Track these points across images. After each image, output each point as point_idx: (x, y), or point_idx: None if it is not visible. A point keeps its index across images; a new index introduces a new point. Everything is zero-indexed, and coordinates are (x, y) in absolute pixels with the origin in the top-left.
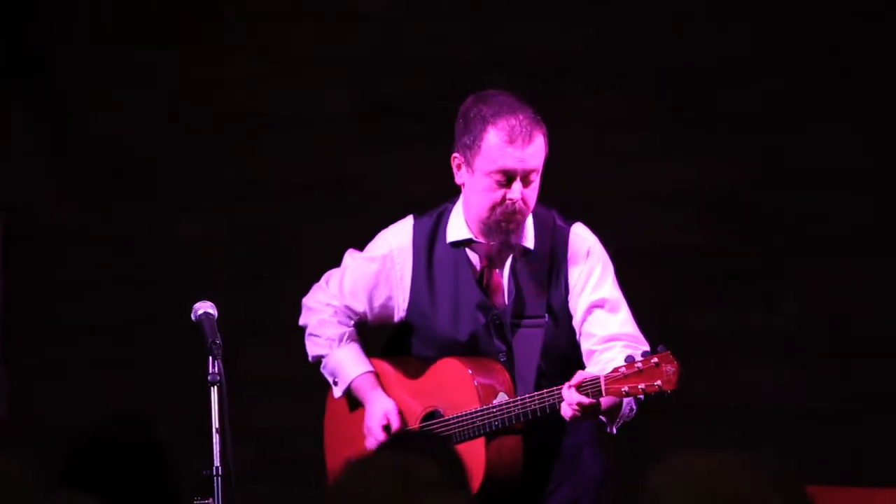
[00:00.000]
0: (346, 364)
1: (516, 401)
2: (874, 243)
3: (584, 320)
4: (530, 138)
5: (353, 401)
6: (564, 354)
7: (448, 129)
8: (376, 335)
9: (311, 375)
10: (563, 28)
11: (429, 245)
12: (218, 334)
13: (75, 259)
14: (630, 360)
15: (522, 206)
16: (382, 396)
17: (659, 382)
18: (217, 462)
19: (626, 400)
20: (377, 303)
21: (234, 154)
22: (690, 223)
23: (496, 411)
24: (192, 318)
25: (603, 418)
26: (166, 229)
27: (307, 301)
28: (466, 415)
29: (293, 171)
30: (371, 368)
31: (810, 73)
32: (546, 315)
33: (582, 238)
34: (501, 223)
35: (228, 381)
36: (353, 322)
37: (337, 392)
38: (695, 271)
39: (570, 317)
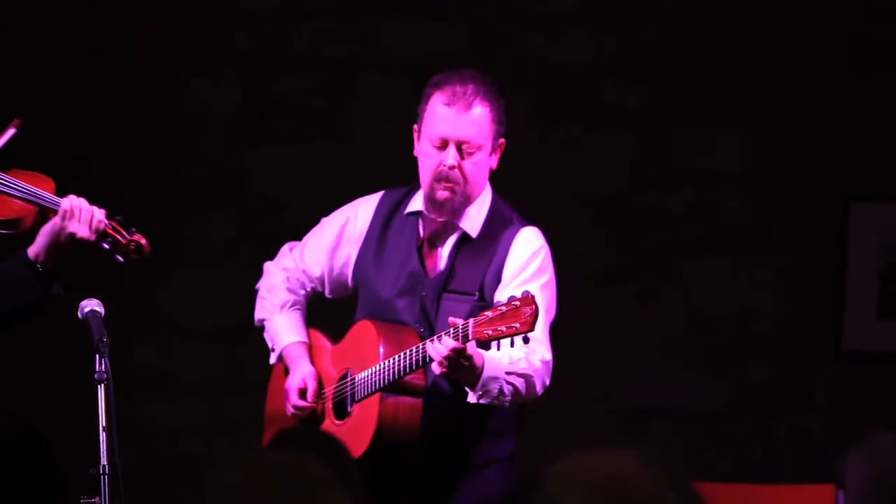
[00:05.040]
0: (282, 331)
1: (406, 352)
2: (755, 242)
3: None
4: (469, 106)
5: (287, 369)
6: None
7: (333, 128)
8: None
9: (200, 374)
10: (444, 27)
11: (390, 212)
12: (105, 332)
13: None
14: (497, 303)
15: (458, 175)
16: (305, 363)
17: (517, 324)
18: (104, 461)
19: (494, 374)
20: (337, 262)
21: (122, 152)
22: (573, 223)
23: (390, 364)
24: (79, 315)
25: (466, 387)
26: None
27: (267, 264)
28: (367, 372)
29: (183, 170)
30: (304, 339)
31: (690, 74)
32: (476, 293)
33: (528, 240)
34: (437, 190)
35: (115, 380)
36: (305, 292)
37: (272, 358)
38: (577, 271)
39: None
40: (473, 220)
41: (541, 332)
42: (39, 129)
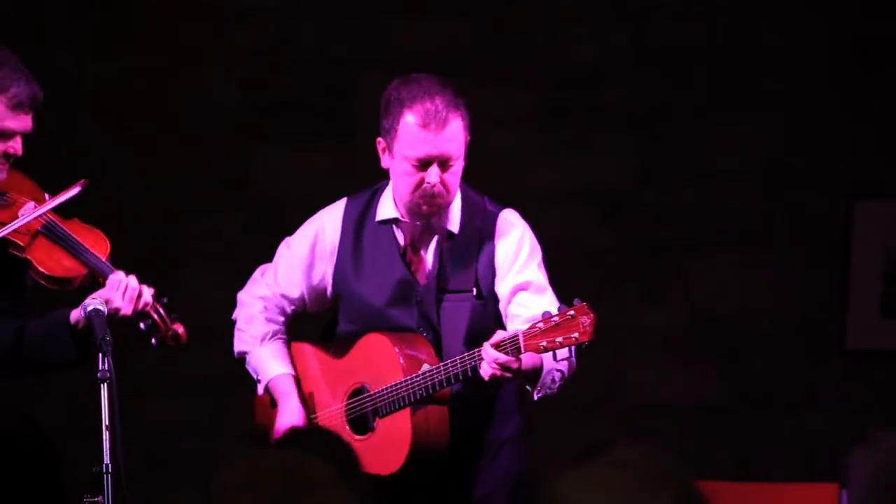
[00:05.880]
0: (266, 363)
1: (439, 367)
2: (759, 241)
3: (509, 302)
4: (444, 123)
5: (273, 402)
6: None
7: (335, 127)
8: (314, 326)
9: (202, 373)
10: (447, 26)
11: (359, 221)
12: (108, 330)
13: None
14: (547, 315)
15: (441, 189)
16: (293, 407)
17: (576, 335)
18: (107, 459)
19: (547, 368)
20: (315, 280)
21: (125, 151)
22: (577, 221)
23: (419, 380)
24: (83, 313)
25: (527, 386)
26: None
27: (241, 295)
28: (391, 387)
29: (185, 169)
30: (290, 371)
31: (694, 73)
32: (473, 288)
33: (510, 222)
34: (422, 206)
35: (118, 378)
36: (284, 317)
37: (259, 389)
38: (581, 269)
39: (496, 299)
40: (452, 217)
41: (556, 310)
42: (40, 129)
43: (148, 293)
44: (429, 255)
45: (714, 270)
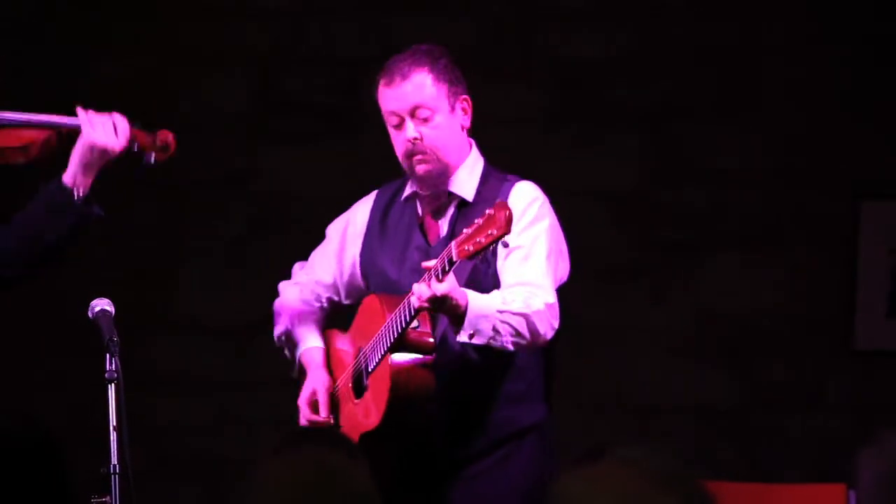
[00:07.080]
0: (297, 340)
1: (401, 306)
2: (766, 240)
3: (504, 259)
4: (405, 76)
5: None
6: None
7: (343, 126)
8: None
9: (209, 372)
10: (455, 25)
11: (388, 203)
12: (115, 331)
13: None
14: (474, 220)
15: (423, 146)
16: (319, 371)
17: (494, 230)
18: (114, 460)
19: (486, 313)
20: (346, 263)
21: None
22: (584, 220)
23: (389, 323)
24: (89, 315)
25: (453, 325)
26: None
27: (282, 283)
28: (372, 340)
29: (192, 168)
30: (319, 344)
31: (701, 72)
32: None
33: (524, 191)
34: (413, 167)
35: (125, 379)
36: (320, 304)
37: (294, 373)
38: (588, 269)
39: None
40: (465, 184)
41: (542, 276)
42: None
43: (120, 118)
44: (444, 223)
45: (720, 270)
